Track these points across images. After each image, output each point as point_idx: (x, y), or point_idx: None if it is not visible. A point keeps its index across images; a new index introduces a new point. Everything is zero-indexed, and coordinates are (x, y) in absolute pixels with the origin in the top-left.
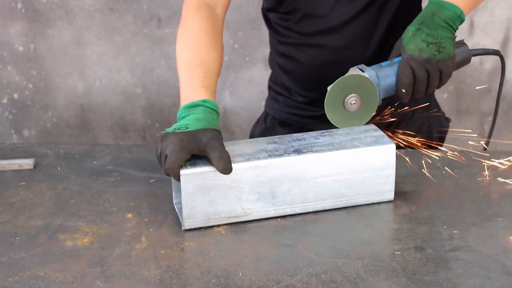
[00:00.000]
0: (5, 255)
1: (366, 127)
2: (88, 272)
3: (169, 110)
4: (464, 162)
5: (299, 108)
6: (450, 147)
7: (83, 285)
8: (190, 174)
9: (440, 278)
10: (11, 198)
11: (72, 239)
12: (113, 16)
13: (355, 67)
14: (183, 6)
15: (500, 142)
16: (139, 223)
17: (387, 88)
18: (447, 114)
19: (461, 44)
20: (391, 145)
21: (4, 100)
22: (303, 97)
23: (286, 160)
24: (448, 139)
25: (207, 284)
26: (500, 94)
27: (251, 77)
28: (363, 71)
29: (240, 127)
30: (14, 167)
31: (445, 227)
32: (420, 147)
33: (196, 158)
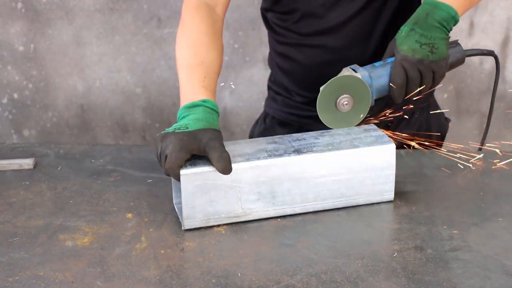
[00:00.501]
0: (5, 255)
1: (366, 127)
2: (88, 272)
3: (169, 110)
4: (464, 162)
5: (298, 108)
6: (450, 147)
7: (83, 285)
8: (190, 174)
9: (440, 278)
10: (11, 198)
11: (72, 239)
12: (113, 16)
13: (348, 67)
14: (182, 6)
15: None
16: (139, 223)
17: (380, 88)
18: (447, 114)
19: (455, 44)
20: (391, 145)
21: (4, 100)
22: (302, 97)
23: (286, 160)
24: (448, 138)
25: (207, 284)
26: (495, 95)
27: (251, 77)
28: (355, 72)
29: (240, 127)
30: (14, 167)
31: (445, 227)
32: (420, 147)
33: (196, 158)
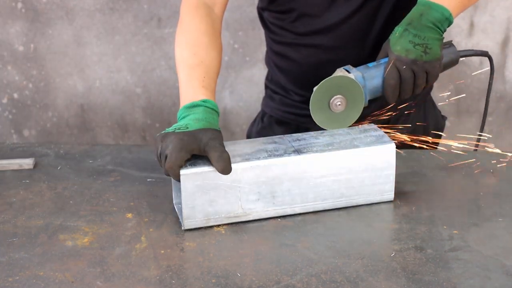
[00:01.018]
0: (5, 255)
1: (366, 126)
2: (88, 272)
3: (169, 110)
4: (464, 162)
5: (296, 107)
6: (449, 147)
7: (83, 285)
8: (190, 174)
9: (440, 278)
10: (11, 198)
11: (72, 239)
12: (113, 16)
13: (341, 68)
14: (181, 6)
15: (500, 141)
16: (139, 223)
17: (373, 89)
18: (447, 114)
19: (449, 45)
20: (391, 144)
21: (4, 100)
22: (299, 96)
23: (286, 160)
24: (448, 138)
25: (207, 284)
26: (489, 95)
27: (251, 77)
28: (349, 72)
29: (240, 127)
30: (14, 167)
31: (445, 227)
32: (418, 147)
33: (196, 158)
